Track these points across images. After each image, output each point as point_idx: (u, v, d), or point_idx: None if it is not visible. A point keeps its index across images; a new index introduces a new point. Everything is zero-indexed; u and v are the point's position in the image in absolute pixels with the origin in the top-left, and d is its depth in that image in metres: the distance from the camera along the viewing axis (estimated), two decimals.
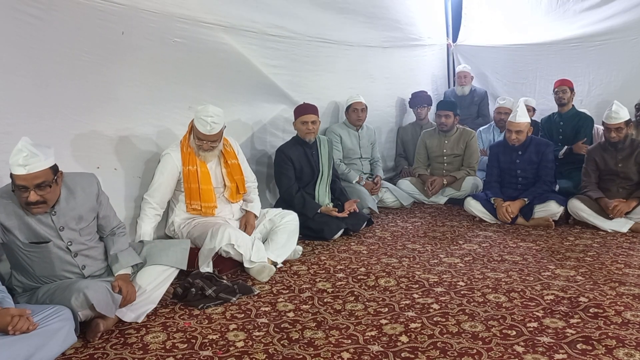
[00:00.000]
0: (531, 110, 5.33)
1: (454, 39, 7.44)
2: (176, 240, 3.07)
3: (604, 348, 2.18)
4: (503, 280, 3.03)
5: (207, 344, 2.34)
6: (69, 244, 2.42)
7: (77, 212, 2.44)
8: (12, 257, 2.44)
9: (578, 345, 2.22)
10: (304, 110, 4.16)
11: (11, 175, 2.23)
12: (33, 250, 2.37)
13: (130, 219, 3.31)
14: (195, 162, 3.29)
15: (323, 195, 4.24)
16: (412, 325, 2.46)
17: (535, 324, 2.43)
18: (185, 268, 2.76)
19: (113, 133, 3.25)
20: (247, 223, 3.49)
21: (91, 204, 2.51)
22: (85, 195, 2.48)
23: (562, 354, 2.15)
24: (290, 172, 4.11)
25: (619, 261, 3.31)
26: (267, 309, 2.72)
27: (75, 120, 3.00)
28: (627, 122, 4.03)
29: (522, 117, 4.28)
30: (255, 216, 3.57)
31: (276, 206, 4.06)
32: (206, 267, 3.14)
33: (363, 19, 5.66)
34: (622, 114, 4.00)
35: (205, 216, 3.34)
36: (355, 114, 4.97)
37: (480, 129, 5.78)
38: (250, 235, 3.37)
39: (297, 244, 3.62)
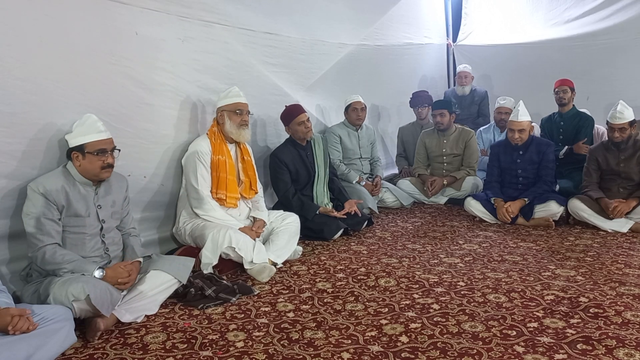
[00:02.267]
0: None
1: (454, 39, 7.44)
2: (181, 257, 3.07)
3: (604, 348, 2.18)
4: (503, 280, 3.03)
5: (207, 344, 2.34)
6: (102, 221, 2.67)
7: (111, 198, 2.75)
8: None
9: (578, 346, 2.22)
10: (296, 111, 4.13)
11: (83, 146, 2.55)
12: (70, 225, 2.56)
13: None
14: (224, 153, 3.40)
15: (322, 195, 4.23)
16: (412, 325, 2.46)
17: (535, 324, 2.43)
18: (184, 282, 2.78)
19: (150, 140, 3.30)
20: (253, 231, 3.46)
21: (121, 197, 2.83)
22: (118, 188, 2.81)
23: (562, 354, 2.15)
24: (286, 177, 4.10)
25: (619, 261, 3.31)
26: (267, 309, 2.72)
27: (116, 128, 3.00)
28: (632, 123, 4.01)
29: (523, 116, 4.29)
30: (264, 222, 3.56)
31: (274, 208, 4.05)
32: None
33: (362, 19, 5.66)
34: (627, 114, 3.99)
35: (227, 207, 3.40)
36: (355, 113, 4.95)
37: (481, 128, 5.78)
38: (255, 239, 3.36)
39: (297, 244, 3.62)
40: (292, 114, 4.12)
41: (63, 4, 2.79)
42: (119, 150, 2.70)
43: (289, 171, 4.11)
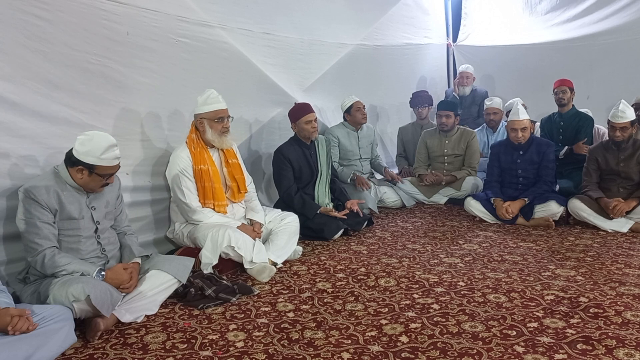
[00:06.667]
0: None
1: (454, 39, 7.44)
2: (181, 257, 3.08)
3: (604, 348, 2.18)
4: (503, 280, 3.03)
5: (207, 344, 2.34)
6: (97, 223, 2.66)
7: (105, 198, 2.73)
8: None
9: (578, 346, 2.22)
10: (305, 109, 4.15)
11: (94, 167, 2.50)
12: (65, 228, 2.54)
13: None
14: (206, 161, 3.33)
15: (323, 195, 4.23)
16: (412, 325, 2.46)
17: (535, 324, 2.43)
18: (184, 282, 2.78)
19: (127, 138, 3.27)
20: (254, 232, 3.46)
21: (114, 195, 2.81)
22: (110, 188, 2.76)
23: (562, 354, 2.15)
24: (289, 173, 4.10)
25: (619, 261, 3.31)
26: (267, 309, 2.71)
27: (91, 126, 3.00)
28: (633, 122, 4.02)
29: (523, 114, 4.33)
30: (261, 225, 3.55)
31: (275, 207, 4.05)
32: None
33: (361, 19, 5.66)
34: (629, 113, 3.99)
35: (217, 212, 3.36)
36: (359, 112, 4.93)
37: (475, 130, 5.80)
38: (255, 239, 3.35)
39: (297, 244, 3.62)
40: (301, 111, 4.15)
41: (55, 3, 2.80)
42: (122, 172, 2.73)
43: (293, 168, 4.11)
